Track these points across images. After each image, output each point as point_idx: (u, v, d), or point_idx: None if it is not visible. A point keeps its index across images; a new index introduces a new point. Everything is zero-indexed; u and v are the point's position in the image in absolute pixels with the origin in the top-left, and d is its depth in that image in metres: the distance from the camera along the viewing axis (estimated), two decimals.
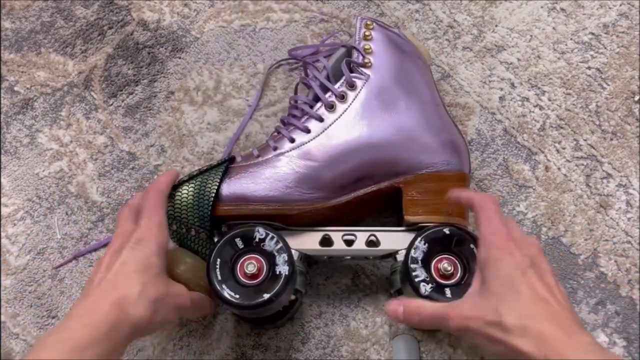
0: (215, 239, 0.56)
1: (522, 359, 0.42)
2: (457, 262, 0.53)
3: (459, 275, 0.52)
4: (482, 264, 0.46)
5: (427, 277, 0.52)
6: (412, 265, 0.52)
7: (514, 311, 0.43)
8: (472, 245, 0.53)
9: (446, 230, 0.54)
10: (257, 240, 0.53)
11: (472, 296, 0.47)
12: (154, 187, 0.53)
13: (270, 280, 0.52)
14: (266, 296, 0.51)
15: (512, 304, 0.43)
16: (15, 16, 0.73)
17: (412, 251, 0.53)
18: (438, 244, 0.53)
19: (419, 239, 0.54)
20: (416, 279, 0.52)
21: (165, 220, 0.52)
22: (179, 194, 0.56)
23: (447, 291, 0.51)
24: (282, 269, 0.52)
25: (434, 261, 0.53)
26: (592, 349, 0.41)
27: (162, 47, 0.71)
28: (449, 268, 0.52)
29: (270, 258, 0.53)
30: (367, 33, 0.59)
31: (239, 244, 0.53)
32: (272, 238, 0.54)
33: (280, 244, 0.53)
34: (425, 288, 0.51)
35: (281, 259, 0.53)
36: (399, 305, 0.49)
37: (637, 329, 0.60)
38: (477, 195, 0.50)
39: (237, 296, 0.51)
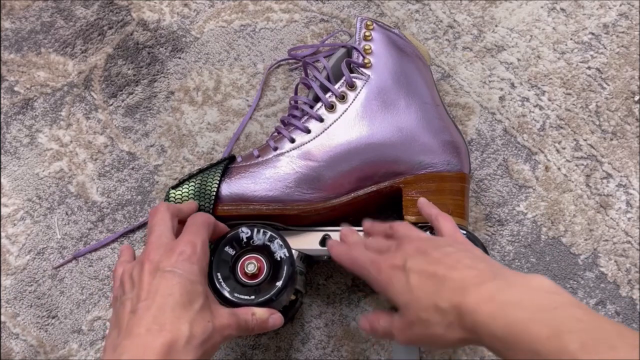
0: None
1: (467, 343, 0.42)
2: None
3: None
4: (386, 298, 0.47)
5: None
6: None
7: (428, 306, 0.42)
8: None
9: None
10: (257, 240, 0.53)
11: (401, 316, 0.46)
12: (204, 216, 0.51)
13: (270, 280, 0.52)
14: (266, 296, 0.51)
15: (423, 302, 0.43)
16: (15, 16, 0.73)
17: None
18: None
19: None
20: None
21: (207, 245, 0.49)
22: (180, 193, 0.56)
23: None
24: (281, 254, 0.53)
25: None
26: (501, 295, 0.39)
27: (162, 47, 0.71)
28: None
29: (267, 251, 0.53)
30: (367, 33, 0.59)
31: (239, 243, 0.54)
32: (259, 232, 0.54)
33: (270, 233, 0.54)
34: None
35: (276, 246, 0.53)
36: (365, 321, 0.49)
37: (637, 329, 0.60)
38: (340, 257, 0.50)
39: (238, 296, 0.51)
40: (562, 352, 0.35)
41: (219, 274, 0.52)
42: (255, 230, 0.53)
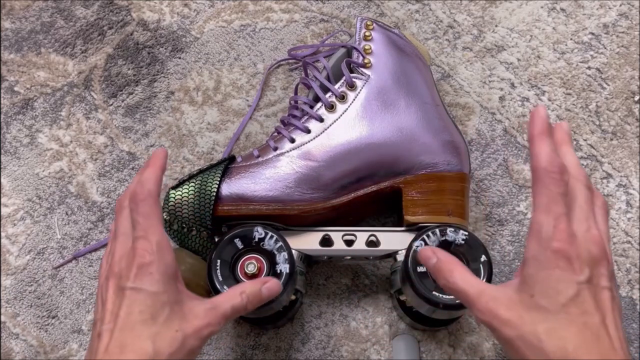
0: (216, 239, 0.56)
1: None
2: None
3: None
4: (531, 259, 0.39)
5: (427, 277, 0.52)
6: (412, 265, 0.52)
7: (559, 338, 0.36)
8: (472, 245, 0.53)
9: (449, 231, 0.54)
10: (257, 239, 0.53)
11: (510, 294, 0.40)
12: (141, 191, 0.44)
13: None
14: None
15: (558, 329, 0.37)
16: (15, 16, 0.73)
17: (412, 251, 0.53)
18: (438, 244, 0.53)
19: (419, 239, 0.54)
20: (416, 280, 0.52)
21: (165, 236, 0.45)
22: (180, 193, 0.56)
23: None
24: (283, 268, 0.52)
25: None
26: None
27: (162, 47, 0.71)
28: None
29: (270, 258, 0.53)
30: (367, 33, 0.59)
31: (239, 243, 0.54)
32: (272, 237, 0.54)
33: (281, 244, 0.53)
34: (425, 289, 0.52)
35: (281, 258, 0.53)
36: (433, 256, 0.45)
37: (637, 329, 0.60)
38: (546, 156, 0.39)
39: None
40: None
41: (218, 274, 0.52)
42: (269, 235, 0.53)
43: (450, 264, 0.44)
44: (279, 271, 0.52)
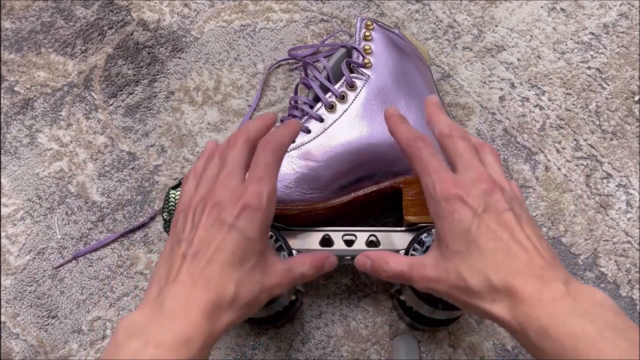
0: None
1: (497, 323, 0.39)
2: None
3: None
4: (434, 218, 0.42)
5: None
6: None
7: (478, 272, 0.39)
8: None
9: None
10: None
11: (433, 254, 0.42)
12: (275, 141, 0.44)
13: None
14: None
15: (475, 263, 0.39)
16: (15, 16, 0.73)
17: (412, 251, 0.53)
18: None
19: (419, 239, 0.54)
20: None
21: (276, 189, 0.43)
22: (179, 193, 0.56)
23: None
24: None
25: None
26: (566, 300, 0.37)
27: (162, 47, 0.71)
28: None
29: None
30: (367, 33, 0.59)
31: None
32: (271, 237, 0.54)
33: (281, 244, 0.53)
34: None
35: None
36: (366, 259, 0.46)
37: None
38: (404, 136, 0.44)
39: None
40: None
41: None
42: (269, 235, 0.53)
43: (383, 257, 0.45)
44: None
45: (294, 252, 0.55)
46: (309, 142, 0.57)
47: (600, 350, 0.35)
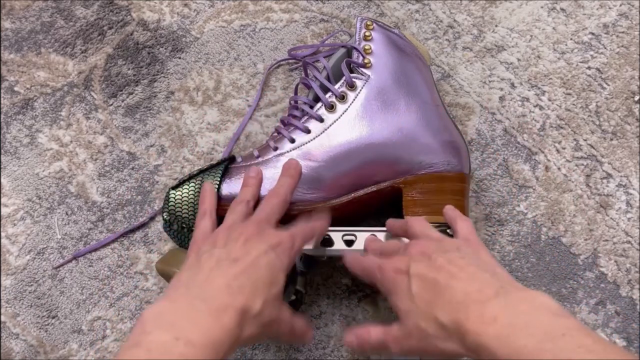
0: None
1: (467, 356, 0.41)
2: None
3: None
4: (390, 302, 0.46)
5: None
6: None
7: (428, 318, 0.42)
8: None
9: (449, 231, 0.54)
10: None
11: (398, 323, 0.46)
12: (320, 219, 0.53)
13: None
14: None
15: (424, 311, 0.42)
16: (15, 16, 0.73)
17: None
18: None
19: None
20: None
21: (302, 249, 0.50)
22: (180, 193, 0.56)
23: None
24: None
25: None
26: (505, 315, 0.39)
27: (162, 47, 0.71)
28: None
29: None
30: (367, 33, 0.59)
31: None
32: None
33: None
34: None
35: None
36: (352, 336, 0.48)
37: (637, 329, 0.60)
38: (355, 268, 0.50)
39: None
40: None
41: None
42: None
43: (360, 330, 0.48)
44: None
45: None
46: (309, 142, 0.57)
47: (523, 346, 0.36)
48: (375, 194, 0.57)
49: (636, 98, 0.67)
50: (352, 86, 0.58)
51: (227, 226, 0.49)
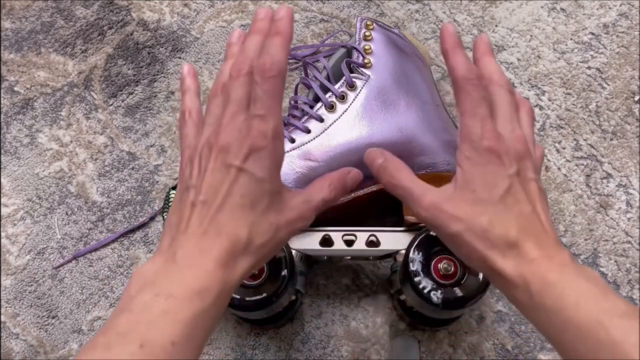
0: None
1: (497, 278, 0.40)
2: (456, 261, 0.53)
3: (458, 274, 0.52)
4: (463, 160, 0.42)
5: (427, 277, 0.52)
6: (412, 266, 0.52)
7: (500, 224, 0.40)
8: None
9: None
10: None
11: (451, 193, 0.42)
12: (271, 66, 0.39)
13: (270, 281, 0.52)
14: (266, 296, 0.51)
15: (499, 216, 0.40)
16: (15, 16, 0.73)
17: (412, 251, 0.53)
18: (438, 244, 0.53)
19: (419, 239, 0.54)
20: (416, 279, 0.52)
21: (282, 121, 0.41)
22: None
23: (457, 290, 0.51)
24: (282, 269, 0.52)
25: (434, 261, 0.53)
26: (574, 266, 0.39)
27: (162, 47, 0.71)
28: (449, 268, 0.52)
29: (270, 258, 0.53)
30: (367, 33, 0.59)
31: None
32: None
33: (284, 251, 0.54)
34: (425, 288, 0.52)
35: (281, 259, 0.53)
36: (380, 156, 0.45)
37: None
38: (461, 67, 0.42)
39: (238, 296, 0.51)
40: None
41: None
42: None
43: (398, 164, 0.45)
44: (278, 273, 0.52)
45: (293, 252, 0.55)
46: (309, 142, 0.57)
47: (601, 307, 0.36)
48: (375, 194, 0.57)
49: (636, 98, 0.67)
50: (352, 86, 0.58)
51: (199, 146, 0.41)
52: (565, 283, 0.37)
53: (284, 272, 0.52)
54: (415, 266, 0.52)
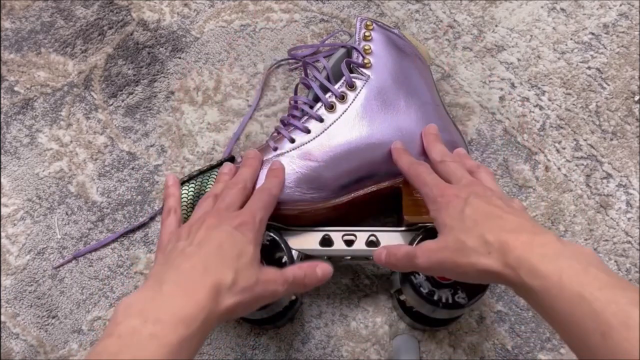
0: None
1: (495, 279, 0.42)
2: None
3: None
4: (435, 214, 0.48)
5: (426, 277, 0.52)
6: None
7: (474, 234, 0.44)
8: None
9: None
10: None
11: (438, 238, 0.47)
12: (268, 189, 0.53)
13: None
14: None
15: (471, 229, 0.44)
16: (15, 16, 0.73)
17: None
18: None
19: (419, 239, 0.54)
20: (416, 279, 0.52)
21: (266, 219, 0.51)
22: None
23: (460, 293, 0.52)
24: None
25: None
26: (556, 245, 0.41)
27: (162, 47, 0.71)
28: None
29: (270, 258, 0.53)
30: (367, 33, 0.59)
31: None
32: (271, 238, 0.54)
33: (280, 244, 0.53)
34: (425, 288, 0.52)
35: (281, 259, 0.53)
36: (383, 250, 0.50)
37: None
38: (406, 162, 0.53)
39: None
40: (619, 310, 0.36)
41: None
42: (269, 235, 0.54)
43: (393, 245, 0.51)
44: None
45: (293, 252, 0.55)
46: (309, 142, 0.57)
47: (582, 281, 0.38)
48: (375, 194, 0.57)
49: (636, 98, 0.67)
50: (352, 86, 0.58)
51: (190, 222, 0.50)
52: (548, 264, 0.39)
53: None
54: None
